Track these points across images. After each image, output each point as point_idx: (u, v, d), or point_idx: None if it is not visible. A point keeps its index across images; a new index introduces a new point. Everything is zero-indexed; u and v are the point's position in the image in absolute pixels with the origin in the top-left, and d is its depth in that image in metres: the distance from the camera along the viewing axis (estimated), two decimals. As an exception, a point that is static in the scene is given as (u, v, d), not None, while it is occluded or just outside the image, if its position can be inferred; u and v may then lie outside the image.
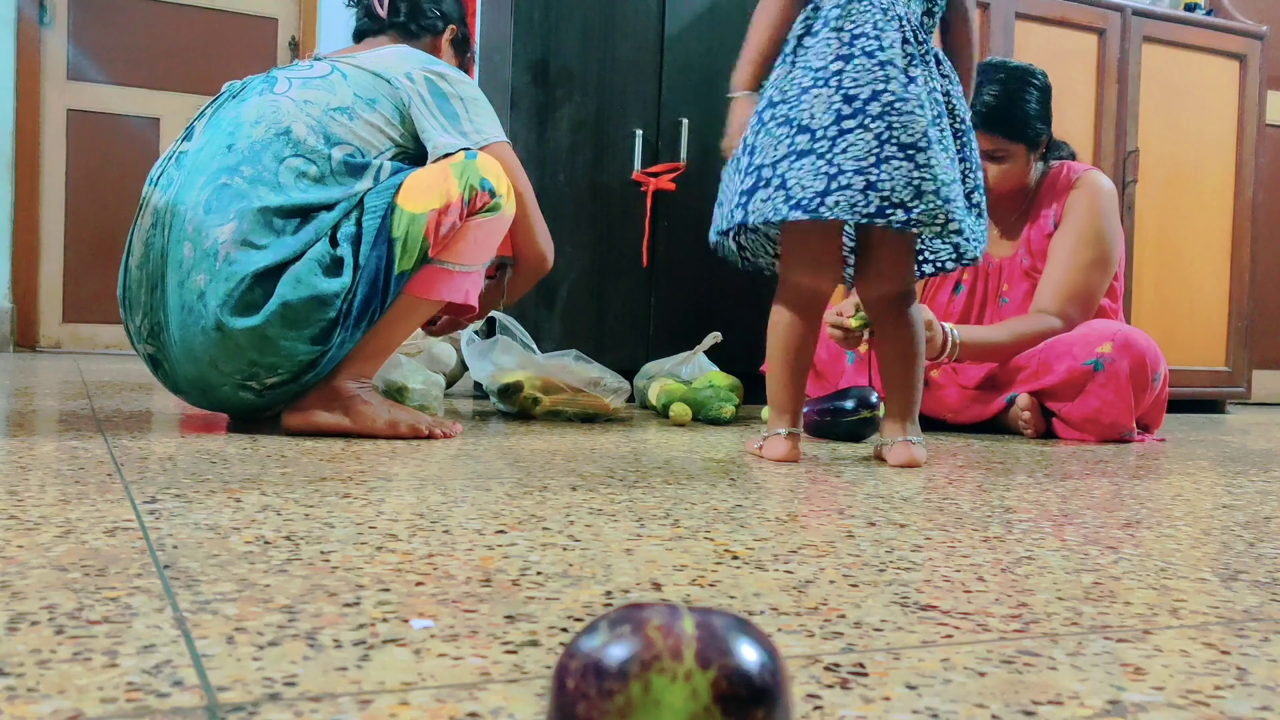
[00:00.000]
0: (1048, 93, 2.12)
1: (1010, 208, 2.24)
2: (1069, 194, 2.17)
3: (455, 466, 1.33)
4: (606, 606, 0.69)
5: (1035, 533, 1.02)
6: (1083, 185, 2.16)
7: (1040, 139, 2.12)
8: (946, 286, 2.30)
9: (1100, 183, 2.17)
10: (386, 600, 0.68)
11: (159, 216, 1.56)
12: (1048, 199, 2.20)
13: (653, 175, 2.66)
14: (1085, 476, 1.49)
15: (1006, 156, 2.09)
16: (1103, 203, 2.15)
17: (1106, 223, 2.14)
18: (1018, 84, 2.08)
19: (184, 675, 0.53)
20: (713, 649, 0.36)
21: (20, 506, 0.95)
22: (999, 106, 2.06)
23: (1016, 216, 2.24)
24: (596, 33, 2.62)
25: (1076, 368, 2.00)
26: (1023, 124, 2.07)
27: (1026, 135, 2.09)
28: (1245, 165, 3.19)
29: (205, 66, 4.57)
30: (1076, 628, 0.68)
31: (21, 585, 0.68)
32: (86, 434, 1.49)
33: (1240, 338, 3.22)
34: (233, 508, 0.98)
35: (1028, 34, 2.79)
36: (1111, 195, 2.17)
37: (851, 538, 0.96)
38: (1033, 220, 2.21)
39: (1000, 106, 2.06)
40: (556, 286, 2.60)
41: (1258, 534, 1.07)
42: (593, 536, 0.92)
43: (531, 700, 0.52)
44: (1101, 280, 2.15)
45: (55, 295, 4.34)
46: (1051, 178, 2.22)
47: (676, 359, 2.43)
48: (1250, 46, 3.17)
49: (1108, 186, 2.18)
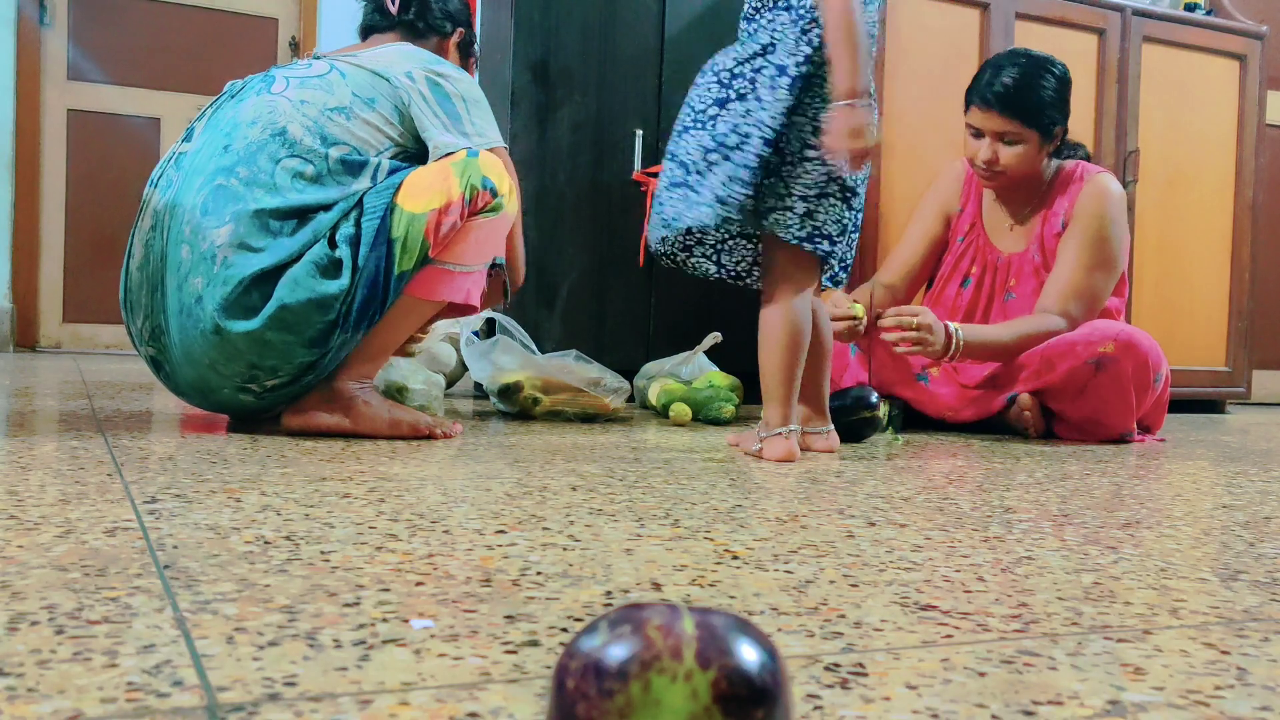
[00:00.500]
0: (1066, 84, 2.13)
1: (1022, 199, 2.23)
2: (1079, 195, 2.17)
3: (455, 466, 1.33)
4: (606, 606, 0.69)
5: (1035, 533, 1.02)
6: (1092, 186, 2.16)
7: (1054, 129, 2.12)
8: (955, 280, 2.30)
9: (1110, 186, 2.17)
10: (386, 600, 0.68)
11: (158, 218, 1.56)
12: (1060, 198, 2.20)
13: (653, 175, 2.66)
14: (1085, 476, 1.49)
15: (1019, 140, 2.10)
16: (1111, 206, 2.15)
17: (1114, 226, 2.14)
18: (1036, 70, 2.09)
19: (184, 675, 0.53)
20: (713, 649, 0.36)
21: (20, 506, 0.95)
22: (1015, 89, 2.07)
23: (1029, 210, 2.24)
24: (596, 33, 2.62)
25: (1078, 366, 2.00)
26: (1037, 110, 2.08)
27: (1040, 122, 2.09)
28: (1245, 165, 3.19)
29: (205, 66, 4.57)
30: (1076, 628, 0.68)
31: (21, 585, 0.68)
32: (86, 434, 1.49)
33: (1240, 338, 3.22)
34: (233, 508, 0.98)
35: (1028, 34, 2.79)
36: (1121, 199, 2.17)
37: (851, 538, 0.96)
38: (1045, 218, 2.21)
39: (1017, 89, 2.07)
40: (556, 286, 2.60)
41: (1258, 534, 1.07)
42: (593, 536, 0.92)
43: (531, 700, 0.52)
44: (1106, 282, 2.15)
45: (55, 295, 4.34)
46: (1065, 177, 2.22)
47: (676, 359, 2.43)
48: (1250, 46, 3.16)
49: (1117, 190, 2.17)
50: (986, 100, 2.08)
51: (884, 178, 2.58)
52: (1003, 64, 2.10)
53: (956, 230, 2.31)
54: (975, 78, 2.14)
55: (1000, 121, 2.08)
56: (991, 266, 2.26)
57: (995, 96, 2.07)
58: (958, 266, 2.29)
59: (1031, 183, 2.21)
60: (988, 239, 2.27)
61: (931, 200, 2.35)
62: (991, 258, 2.26)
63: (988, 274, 2.26)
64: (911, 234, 2.35)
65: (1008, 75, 2.08)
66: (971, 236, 2.28)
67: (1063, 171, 2.22)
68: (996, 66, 2.10)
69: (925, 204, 2.36)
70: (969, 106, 2.13)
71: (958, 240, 2.30)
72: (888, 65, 2.58)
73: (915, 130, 2.62)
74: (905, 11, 2.61)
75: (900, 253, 2.35)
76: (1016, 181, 2.17)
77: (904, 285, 2.31)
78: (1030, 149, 2.11)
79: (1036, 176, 2.20)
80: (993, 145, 2.11)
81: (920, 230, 2.34)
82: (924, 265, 2.34)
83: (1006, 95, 2.07)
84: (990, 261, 2.26)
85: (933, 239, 2.33)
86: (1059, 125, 2.12)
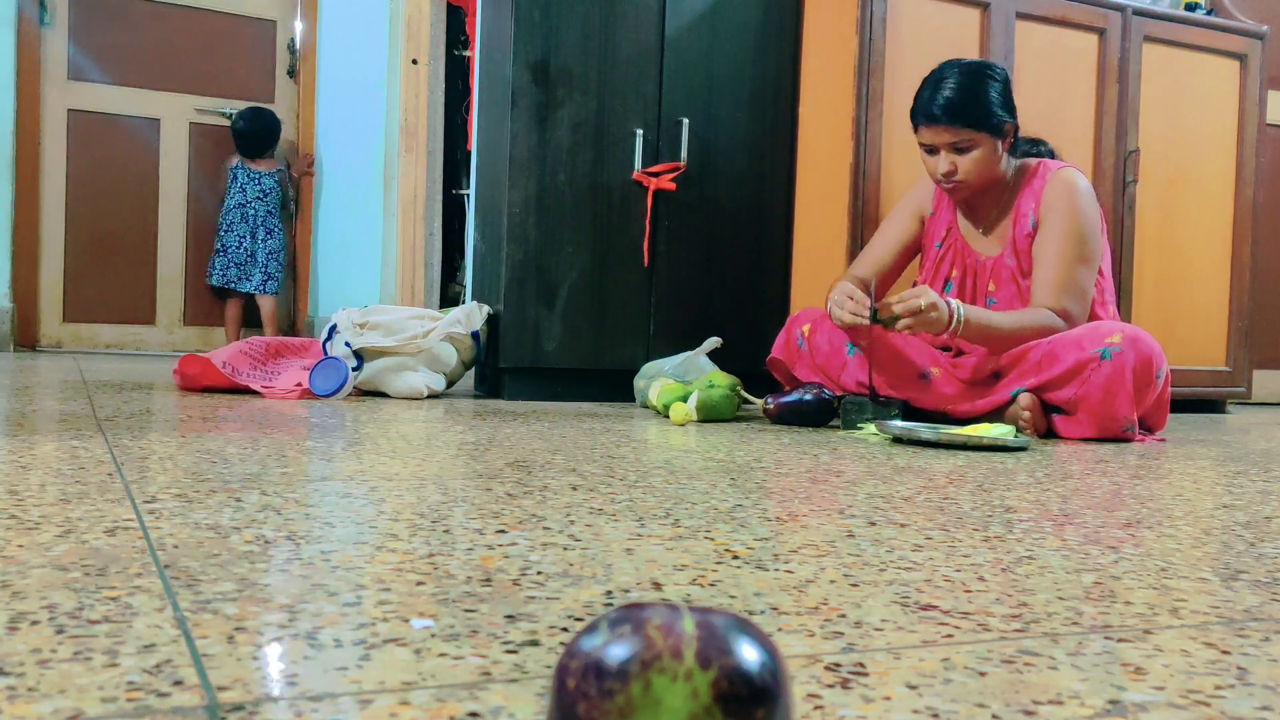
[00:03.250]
0: (1007, 84, 2.19)
1: (989, 203, 2.26)
2: (1044, 193, 2.19)
3: (455, 466, 1.33)
4: (607, 606, 0.69)
5: (1035, 532, 1.02)
6: (1057, 183, 2.18)
7: (1004, 126, 2.15)
8: (937, 285, 2.31)
9: (1074, 180, 2.18)
10: (387, 600, 0.68)
11: None
12: (1025, 197, 2.22)
13: (653, 175, 2.66)
14: (1085, 476, 1.49)
15: (973, 146, 2.13)
16: (1078, 199, 2.17)
17: (1085, 219, 2.16)
18: (976, 76, 2.14)
19: (184, 675, 0.53)
20: (713, 649, 0.36)
21: (20, 506, 0.95)
22: (959, 98, 2.11)
23: (996, 212, 2.26)
24: (596, 33, 2.62)
25: (1084, 358, 2.02)
26: (985, 113, 2.12)
27: (990, 124, 2.12)
28: (1245, 165, 3.18)
29: (205, 67, 4.58)
30: (1077, 627, 0.68)
31: (22, 585, 0.68)
32: (86, 434, 1.49)
33: (1240, 337, 3.22)
34: (233, 507, 0.98)
35: (1028, 33, 2.78)
36: (1088, 192, 2.19)
37: (852, 537, 0.96)
38: (1014, 219, 2.22)
39: (960, 98, 2.11)
40: (556, 286, 2.60)
41: (1258, 534, 1.07)
42: (593, 536, 0.92)
43: (532, 700, 0.52)
44: (1089, 275, 2.17)
45: (56, 295, 4.34)
46: (1029, 175, 2.24)
47: (676, 359, 2.43)
48: (1251, 46, 3.16)
49: (1084, 185, 2.19)
50: (932, 116, 2.12)
51: (884, 178, 2.58)
52: (940, 77, 2.15)
53: (934, 235, 2.33)
54: (916, 98, 2.18)
55: (950, 133, 2.13)
56: (971, 270, 2.28)
57: (940, 110, 2.12)
58: (938, 270, 2.31)
59: (995, 186, 2.23)
60: (965, 243, 2.29)
61: (907, 201, 2.39)
62: (970, 261, 2.28)
63: (968, 277, 2.28)
64: (885, 232, 2.38)
65: (947, 88, 2.13)
66: (950, 241, 2.31)
67: (1026, 170, 2.25)
68: (935, 82, 2.15)
69: (901, 205, 2.40)
70: (917, 127, 2.17)
71: (935, 246, 2.32)
72: (888, 65, 2.58)
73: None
74: (905, 11, 2.61)
75: (872, 250, 2.38)
76: (980, 188, 2.20)
77: (876, 281, 2.32)
78: (986, 151, 2.14)
79: (999, 179, 2.22)
80: (949, 157, 2.14)
81: (895, 230, 2.37)
82: (895, 264, 2.37)
83: (950, 106, 2.11)
84: (970, 265, 2.28)
85: (906, 239, 2.36)
86: (1008, 123, 2.16)
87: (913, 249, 2.38)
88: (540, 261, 2.58)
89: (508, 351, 2.58)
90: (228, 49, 4.63)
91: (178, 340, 4.58)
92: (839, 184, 2.59)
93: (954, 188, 2.18)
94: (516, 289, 2.57)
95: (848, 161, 2.56)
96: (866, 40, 2.55)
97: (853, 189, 2.55)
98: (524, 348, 2.58)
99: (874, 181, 2.57)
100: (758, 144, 2.78)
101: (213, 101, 4.59)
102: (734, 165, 2.76)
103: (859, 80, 2.55)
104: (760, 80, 2.77)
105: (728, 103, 2.74)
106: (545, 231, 2.58)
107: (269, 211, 4.49)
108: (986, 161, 2.15)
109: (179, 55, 4.55)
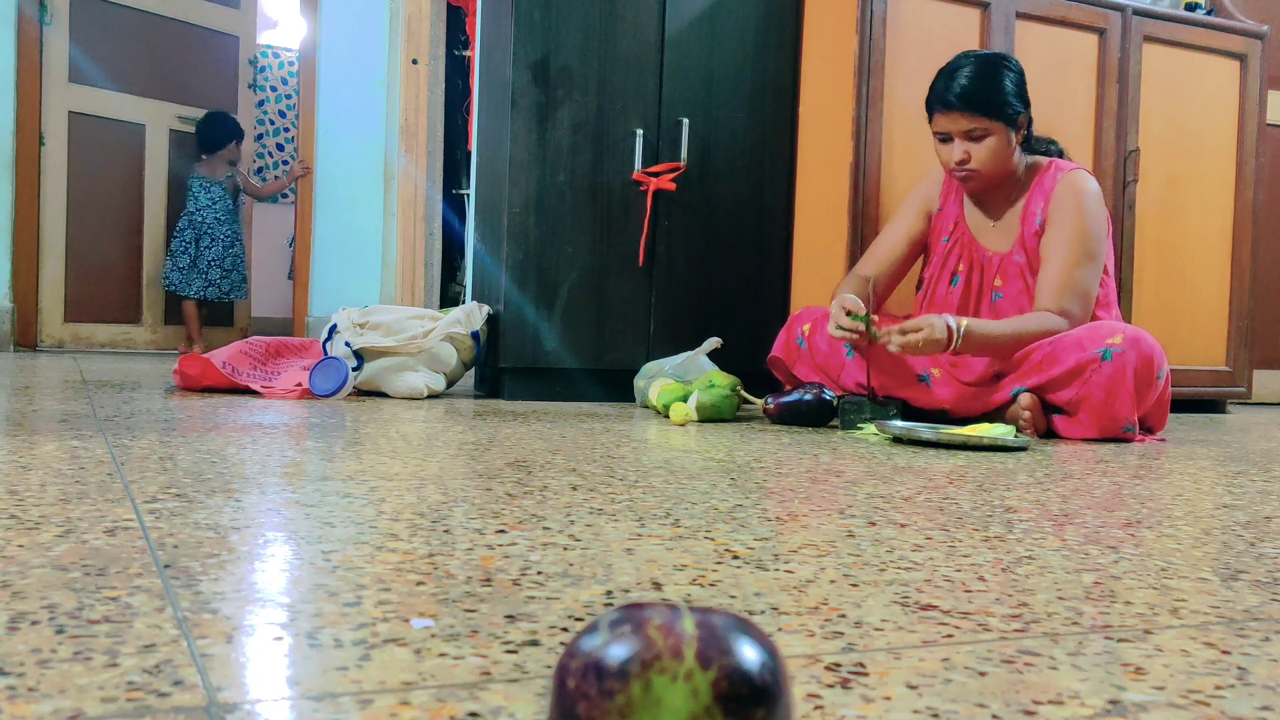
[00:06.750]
0: (1022, 75, 2.20)
1: (999, 198, 2.26)
2: (1054, 193, 2.19)
3: (455, 466, 1.33)
4: (607, 606, 0.69)
5: (1035, 533, 1.02)
6: (1067, 184, 2.19)
7: (1018, 117, 2.16)
8: (944, 280, 2.31)
9: (1084, 183, 2.19)
10: (387, 600, 0.68)
11: None
12: (1035, 195, 2.22)
13: (653, 175, 2.66)
14: (1085, 476, 1.49)
15: (987, 134, 2.14)
16: (1087, 201, 2.17)
17: (1091, 221, 2.17)
18: (991, 66, 2.16)
19: (184, 675, 0.53)
20: (713, 649, 0.36)
21: (20, 506, 0.95)
22: (974, 86, 2.13)
23: (1006, 208, 2.26)
24: (596, 33, 2.62)
25: (1085, 359, 2.02)
26: (1000, 102, 2.13)
27: (1005, 113, 2.13)
28: (1245, 165, 3.18)
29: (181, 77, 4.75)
30: (1077, 627, 0.68)
31: (22, 585, 0.68)
32: (86, 434, 1.49)
33: (1240, 337, 3.22)
34: (233, 508, 0.98)
35: (1028, 33, 2.78)
36: (1097, 195, 2.19)
37: (852, 537, 0.96)
38: (1024, 217, 2.23)
39: (976, 86, 2.13)
40: (556, 286, 2.60)
41: (1258, 534, 1.07)
42: (593, 536, 0.92)
43: (532, 700, 0.52)
44: (1093, 276, 2.17)
45: (57, 295, 4.35)
46: (1039, 173, 2.24)
47: (676, 359, 2.43)
48: (1251, 46, 3.16)
49: (1093, 187, 2.20)
50: (948, 103, 2.13)
51: (884, 177, 2.58)
52: (956, 66, 2.17)
53: (941, 230, 2.33)
54: (932, 87, 2.19)
55: (965, 120, 2.13)
56: (978, 264, 2.28)
57: (956, 97, 2.13)
58: (946, 265, 2.31)
59: (1006, 181, 2.23)
60: (972, 237, 2.29)
61: (914, 197, 2.39)
62: (978, 255, 2.28)
63: (974, 271, 2.28)
64: (893, 229, 2.38)
65: (963, 76, 2.14)
66: (956, 235, 2.31)
67: (1037, 168, 2.25)
68: (951, 70, 2.17)
69: (908, 201, 2.40)
70: (932, 115, 2.19)
71: (943, 240, 2.32)
72: (888, 65, 2.58)
73: (915, 130, 2.62)
74: (905, 11, 2.61)
75: (880, 247, 2.38)
76: (992, 180, 2.20)
77: (884, 279, 2.32)
78: (1000, 141, 2.15)
79: (1011, 173, 2.22)
80: (962, 145, 2.15)
81: (903, 227, 2.37)
82: (903, 260, 2.36)
83: (965, 93, 2.13)
84: (976, 259, 2.28)
85: (913, 235, 2.36)
86: (1022, 114, 2.17)
87: (920, 244, 2.37)
88: (540, 261, 2.58)
89: (508, 351, 2.58)
90: (197, 60, 4.80)
91: (160, 339, 4.72)
92: (839, 183, 2.59)
93: (966, 176, 2.18)
94: (516, 289, 2.57)
95: (848, 161, 2.56)
96: (866, 40, 2.55)
97: (853, 188, 2.55)
98: (524, 348, 2.58)
99: (874, 181, 2.56)
100: (758, 144, 2.78)
101: (190, 110, 4.76)
102: (734, 165, 2.76)
103: (859, 80, 2.55)
104: (760, 80, 2.77)
105: (728, 103, 2.74)
106: (545, 231, 2.58)
107: (217, 219, 4.67)
108: (1000, 151, 2.15)
109: (160, 63, 4.67)
